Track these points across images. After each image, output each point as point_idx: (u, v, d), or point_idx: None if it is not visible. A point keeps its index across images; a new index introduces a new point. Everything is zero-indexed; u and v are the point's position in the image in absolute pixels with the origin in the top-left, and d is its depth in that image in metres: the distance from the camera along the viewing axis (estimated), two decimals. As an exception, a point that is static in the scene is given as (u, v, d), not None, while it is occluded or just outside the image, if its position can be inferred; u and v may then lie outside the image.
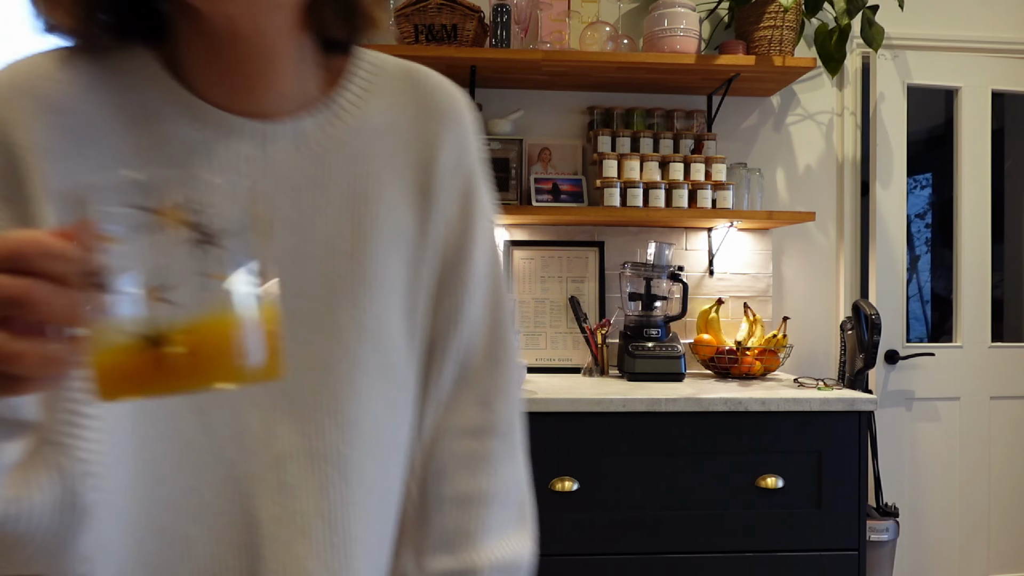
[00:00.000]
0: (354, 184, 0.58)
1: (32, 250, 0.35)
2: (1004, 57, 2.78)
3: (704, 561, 1.95)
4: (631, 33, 2.55)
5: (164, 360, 0.35)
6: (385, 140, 0.60)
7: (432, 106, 0.62)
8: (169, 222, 0.35)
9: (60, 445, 0.46)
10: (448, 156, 0.62)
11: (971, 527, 2.73)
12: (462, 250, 0.63)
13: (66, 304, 0.35)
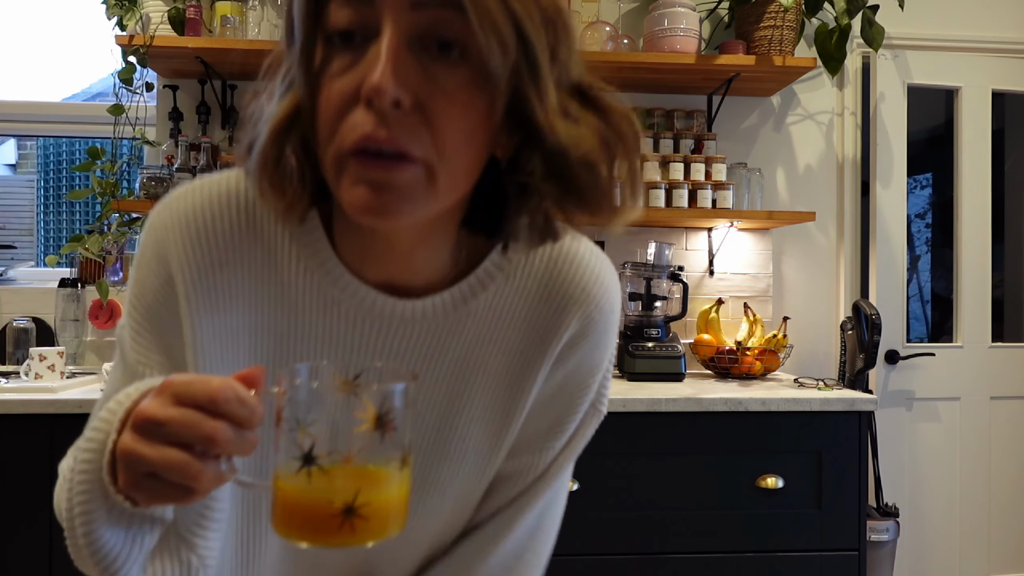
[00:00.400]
0: (460, 364, 0.64)
1: (224, 396, 0.44)
2: (1004, 57, 2.78)
3: (704, 561, 1.95)
4: (631, 33, 2.55)
5: (341, 522, 0.44)
6: (497, 326, 0.64)
7: (557, 296, 0.64)
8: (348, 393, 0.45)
9: (187, 541, 0.56)
10: (557, 346, 0.65)
11: (971, 527, 2.73)
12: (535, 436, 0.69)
13: (242, 444, 0.45)
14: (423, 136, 0.49)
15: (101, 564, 0.52)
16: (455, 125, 0.50)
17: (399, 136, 0.49)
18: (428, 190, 0.51)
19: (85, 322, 2.43)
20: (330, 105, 0.50)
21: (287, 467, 0.44)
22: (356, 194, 0.50)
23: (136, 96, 2.36)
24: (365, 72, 0.48)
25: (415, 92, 0.49)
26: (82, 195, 2.31)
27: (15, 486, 1.83)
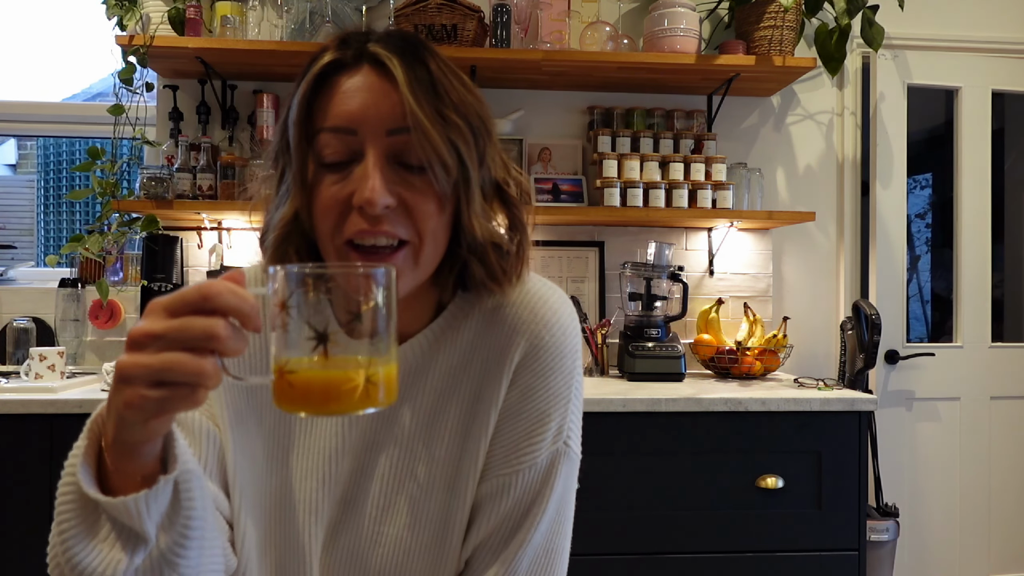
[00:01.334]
0: (439, 391, 0.76)
1: (216, 289, 0.47)
2: (1004, 57, 2.78)
3: (704, 561, 1.95)
4: (631, 33, 2.55)
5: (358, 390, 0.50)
6: (464, 355, 0.76)
7: (508, 322, 0.76)
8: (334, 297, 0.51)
9: (170, 563, 0.57)
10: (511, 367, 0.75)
11: (971, 527, 2.73)
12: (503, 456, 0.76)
13: (239, 339, 0.48)
14: (408, 224, 0.66)
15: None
16: (428, 216, 0.67)
17: (389, 229, 0.65)
18: (414, 267, 0.68)
19: (85, 322, 2.43)
20: (328, 210, 0.66)
21: (299, 351, 0.50)
22: None
23: (136, 96, 2.36)
24: (356, 186, 0.65)
25: (398, 195, 0.66)
26: (82, 195, 2.31)
27: (15, 486, 1.83)
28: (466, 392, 0.76)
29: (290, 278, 0.50)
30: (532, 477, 0.75)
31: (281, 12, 2.33)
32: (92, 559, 0.54)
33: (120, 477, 0.53)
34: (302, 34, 2.31)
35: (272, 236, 0.70)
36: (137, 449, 0.51)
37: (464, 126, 0.67)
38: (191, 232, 2.46)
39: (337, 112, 0.66)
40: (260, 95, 2.35)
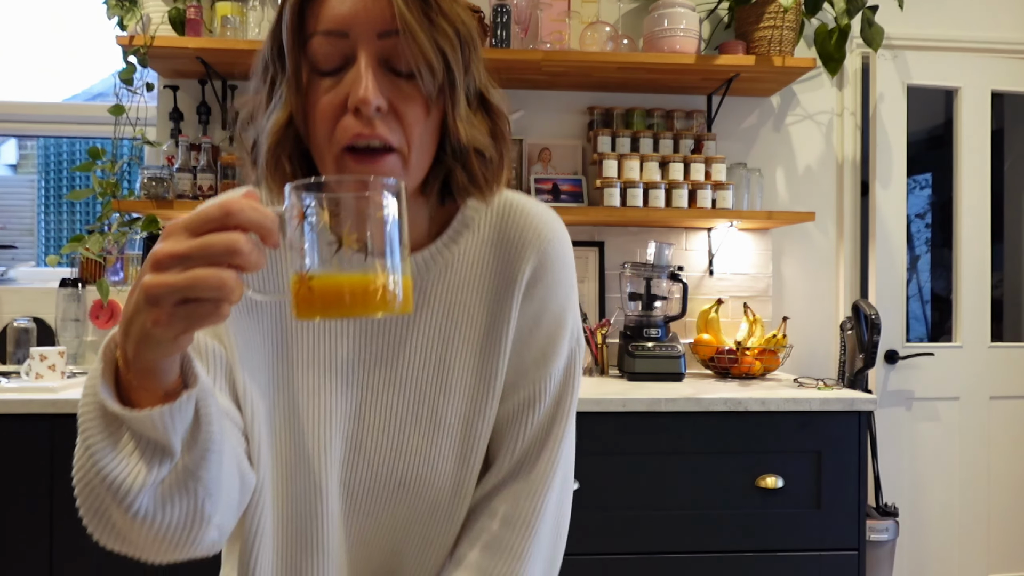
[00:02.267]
0: (448, 308, 0.79)
1: (238, 205, 0.49)
2: (1004, 57, 2.78)
3: (704, 561, 1.95)
4: (631, 33, 2.55)
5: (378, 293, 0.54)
6: (472, 271, 0.80)
7: (514, 240, 0.81)
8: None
9: (195, 475, 0.59)
10: (522, 282, 0.80)
11: (970, 527, 2.73)
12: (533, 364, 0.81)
13: (259, 254, 0.49)
14: (397, 129, 0.68)
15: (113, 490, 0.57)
16: (417, 121, 0.69)
17: (382, 132, 0.67)
18: (404, 172, 0.70)
19: (86, 322, 2.43)
20: (324, 116, 0.68)
21: (319, 258, 0.53)
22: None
23: (136, 96, 2.36)
24: (349, 88, 0.67)
25: (388, 98, 0.68)
26: (83, 195, 2.31)
27: (15, 486, 1.84)
28: (478, 305, 0.80)
29: (308, 191, 0.53)
30: (558, 379, 0.81)
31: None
32: (120, 469, 0.57)
33: (142, 394, 0.55)
34: (302, 34, 2.31)
35: (266, 143, 0.71)
36: (159, 366, 0.53)
37: (451, 31, 0.69)
38: (191, 232, 2.46)
39: (329, 15, 0.67)
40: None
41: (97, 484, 0.58)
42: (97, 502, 0.60)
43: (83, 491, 0.61)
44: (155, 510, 0.59)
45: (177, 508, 0.59)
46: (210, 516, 0.62)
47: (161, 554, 0.63)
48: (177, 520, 0.60)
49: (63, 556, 1.84)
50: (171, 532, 0.60)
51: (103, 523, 0.62)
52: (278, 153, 0.71)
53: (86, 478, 0.59)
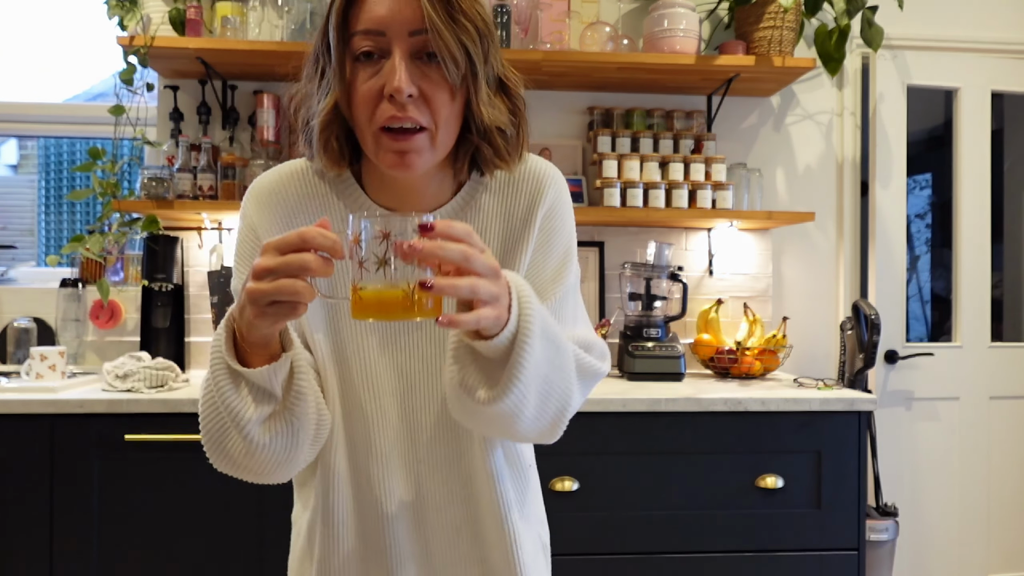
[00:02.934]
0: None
1: (310, 233, 0.67)
2: (1004, 57, 2.78)
3: (704, 561, 1.95)
4: (631, 33, 2.55)
5: (399, 300, 0.67)
6: (493, 218, 0.93)
7: (529, 183, 0.94)
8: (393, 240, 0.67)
9: (290, 411, 0.80)
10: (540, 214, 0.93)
11: (970, 527, 2.73)
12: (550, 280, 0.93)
13: (327, 266, 0.67)
14: (426, 112, 0.81)
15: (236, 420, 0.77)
16: (443, 104, 0.82)
17: (413, 115, 0.80)
18: (432, 147, 0.83)
19: (86, 322, 2.44)
20: (365, 101, 0.81)
21: (368, 274, 0.67)
22: (390, 158, 0.82)
23: (137, 96, 2.36)
24: (386, 78, 0.80)
25: (419, 86, 0.80)
26: (83, 195, 2.31)
27: (15, 486, 1.84)
28: (497, 243, 0.92)
29: (362, 221, 0.67)
30: (568, 292, 0.94)
31: (281, 13, 2.34)
32: (241, 404, 0.77)
33: (254, 356, 0.76)
34: (302, 34, 2.31)
35: (316, 124, 0.85)
36: (266, 339, 0.75)
37: (472, 28, 0.80)
38: (192, 232, 2.46)
39: (368, 17, 0.80)
40: (260, 95, 2.35)
41: (224, 414, 0.78)
42: (221, 430, 0.79)
43: (210, 421, 0.80)
44: (264, 437, 0.79)
45: (280, 437, 0.80)
46: (303, 443, 0.82)
47: (265, 474, 0.83)
48: (280, 446, 0.81)
49: (63, 556, 1.85)
50: (276, 455, 0.81)
51: (221, 450, 0.81)
52: (327, 134, 0.85)
53: (215, 410, 0.79)
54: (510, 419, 0.78)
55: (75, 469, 1.84)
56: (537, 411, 0.80)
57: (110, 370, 1.95)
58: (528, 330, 0.74)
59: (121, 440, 1.84)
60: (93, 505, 1.85)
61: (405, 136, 0.81)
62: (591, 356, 0.90)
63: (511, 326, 0.73)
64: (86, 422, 1.84)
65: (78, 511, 1.85)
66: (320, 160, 0.88)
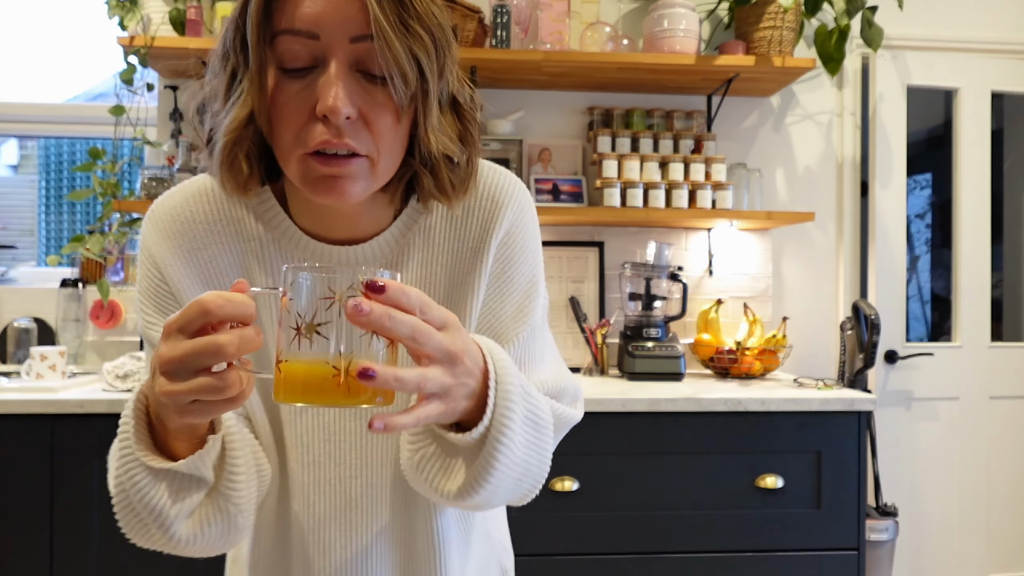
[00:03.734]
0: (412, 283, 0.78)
1: (214, 302, 0.52)
2: (1004, 57, 2.78)
3: (704, 561, 1.95)
4: (631, 33, 2.56)
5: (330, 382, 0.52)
6: (439, 247, 0.79)
7: (481, 202, 0.79)
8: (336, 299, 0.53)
9: (223, 496, 0.68)
10: (494, 242, 0.79)
11: (970, 527, 2.73)
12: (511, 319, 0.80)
13: (246, 340, 0.53)
14: (367, 138, 0.66)
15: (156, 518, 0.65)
16: (387, 129, 0.67)
17: (350, 140, 0.65)
18: (371, 176, 0.68)
19: (86, 322, 2.44)
20: (290, 119, 0.66)
21: (291, 344, 0.53)
22: (319, 185, 0.67)
23: (137, 96, 2.36)
24: (319, 94, 0.64)
25: (359, 107, 0.65)
26: (83, 195, 2.31)
27: (15, 486, 1.84)
28: (444, 275, 0.79)
29: (293, 275, 0.53)
30: (533, 329, 0.81)
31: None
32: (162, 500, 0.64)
33: (177, 444, 0.63)
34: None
35: (223, 138, 0.68)
36: (193, 429, 0.62)
37: (427, 37, 0.66)
38: (192, 232, 2.46)
39: (299, 14, 0.64)
40: (261, 95, 2.35)
41: (141, 511, 0.65)
42: (140, 524, 0.67)
43: (125, 514, 0.67)
44: (193, 530, 0.67)
45: (214, 525, 0.68)
46: (242, 527, 0.71)
47: (196, 554, 0.71)
48: (216, 533, 0.69)
49: (63, 556, 1.85)
50: (211, 543, 0.70)
51: (137, 528, 0.68)
52: (235, 151, 0.69)
53: (130, 506, 0.66)
54: (475, 507, 0.69)
55: (75, 469, 1.84)
56: (508, 495, 0.70)
57: (110, 370, 1.95)
58: (506, 425, 0.62)
59: (121, 440, 1.83)
60: (93, 505, 1.85)
61: (339, 161, 0.66)
62: (563, 404, 0.80)
63: (485, 419, 0.61)
64: (86, 422, 1.84)
65: (78, 511, 1.85)
66: (222, 182, 0.71)
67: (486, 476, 0.63)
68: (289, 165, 0.68)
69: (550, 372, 0.81)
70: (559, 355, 0.87)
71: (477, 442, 0.63)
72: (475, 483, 0.64)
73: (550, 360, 0.83)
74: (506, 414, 0.62)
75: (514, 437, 0.63)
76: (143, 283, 0.77)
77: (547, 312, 0.86)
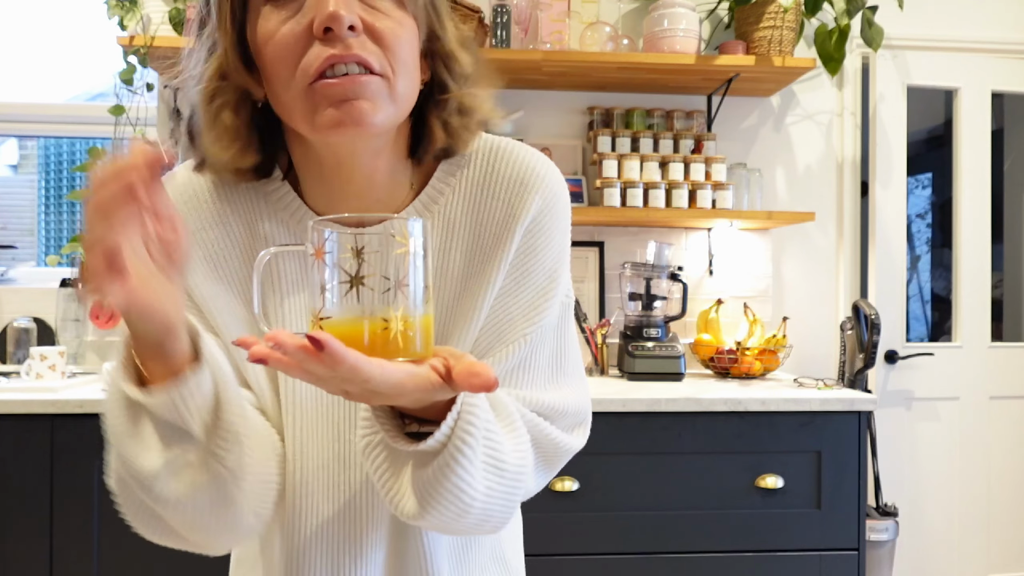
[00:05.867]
0: (435, 265, 0.70)
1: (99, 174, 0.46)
2: (1004, 57, 2.78)
3: (704, 561, 1.95)
4: (631, 33, 2.56)
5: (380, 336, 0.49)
6: (456, 232, 0.70)
7: (508, 184, 0.71)
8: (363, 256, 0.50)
9: (217, 458, 0.58)
10: (521, 225, 0.70)
11: (970, 527, 2.73)
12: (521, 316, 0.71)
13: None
14: (377, 52, 0.59)
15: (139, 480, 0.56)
16: (399, 41, 0.60)
17: (360, 52, 0.58)
18: (389, 97, 0.60)
19: (86, 322, 2.44)
20: (284, 49, 0.58)
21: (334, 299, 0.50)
22: (331, 115, 0.58)
23: (137, 96, 2.36)
24: (314, 11, 0.56)
25: (363, 17, 0.58)
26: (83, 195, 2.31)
27: (15, 486, 1.84)
28: (460, 263, 0.71)
29: (325, 229, 0.50)
30: (545, 332, 0.72)
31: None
32: (141, 453, 0.55)
33: (156, 380, 0.55)
34: (302, 34, 2.31)
35: (201, 100, 0.62)
36: (161, 345, 0.53)
37: None
38: (192, 232, 2.46)
39: None
40: (260, 95, 2.35)
41: (124, 473, 0.57)
42: (130, 493, 0.59)
43: (118, 485, 0.59)
44: (183, 495, 0.57)
45: (205, 493, 0.58)
46: (237, 500, 0.60)
47: (201, 544, 0.63)
48: (206, 504, 0.59)
49: (63, 556, 1.85)
50: (202, 517, 0.59)
51: (140, 515, 0.60)
52: (213, 104, 0.61)
53: (117, 472, 0.58)
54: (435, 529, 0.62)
55: (75, 469, 1.84)
56: (472, 528, 0.62)
57: (110, 370, 1.95)
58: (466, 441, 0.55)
59: (121, 440, 1.83)
60: (93, 505, 1.85)
61: (352, 79, 0.58)
62: (555, 426, 0.70)
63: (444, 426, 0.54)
64: (86, 422, 1.84)
65: (78, 511, 1.85)
66: (211, 162, 0.65)
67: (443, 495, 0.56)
68: (293, 109, 0.60)
69: (554, 394, 0.71)
70: (580, 366, 0.76)
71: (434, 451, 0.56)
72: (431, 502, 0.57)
73: (563, 372, 0.73)
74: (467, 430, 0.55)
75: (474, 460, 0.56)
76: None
77: (570, 313, 0.75)
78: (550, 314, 0.72)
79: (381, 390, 0.48)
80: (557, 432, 0.70)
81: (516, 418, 0.65)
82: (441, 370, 0.50)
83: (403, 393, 0.49)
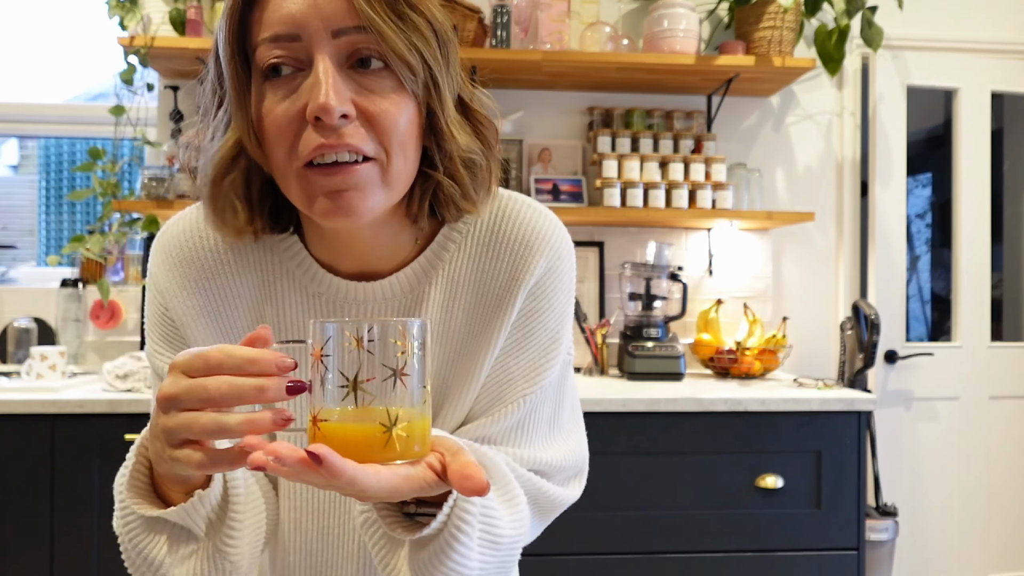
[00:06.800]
0: (437, 321, 0.72)
1: (214, 356, 0.50)
2: (1003, 57, 2.78)
3: (704, 561, 1.95)
4: (631, 33, 2.56)
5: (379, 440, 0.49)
6: (459, 290, 0.71)
7: (514, 243, 0.71)
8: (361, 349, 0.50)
9: (221, 551, 0.63)
10: (525, 286, 0.71)
11: (970, 526, 2.73)
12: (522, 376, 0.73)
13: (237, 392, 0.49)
14: (370, 137, 0.59)
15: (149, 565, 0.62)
16: (395, 124, 0.60)
17: (352, 140, 0.58)
18: (382, 183, 0.61)
19: (86, 322, 2.44)
20: (281, 130, 0.59)
21: (332, 400, 0.50)
22: (323, 204, 0.60)
23: (137, 96, 2.36)
24: (308, 97, 0.58)
25: (355, 102, 0.59)
26: (83, 195, 2.31)
27: (15, 486, 1.84)
28: (463, 322, 0.71)
29: (325, 329, 0.50)
30: (545, 392, 0.73)
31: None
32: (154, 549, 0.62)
33: (172, 492, 0.60)
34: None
35: (211, 171, 0.63)
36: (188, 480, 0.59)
37: (424, 24, 0.60)
38: (192, 232, 2.46)
39: (275, 19, 0.58)
40: (261, 95, 2.35)
41: (135, 557, 0.63)
42: (139, 569, 0.64)
43: (127, 556, 0.64)
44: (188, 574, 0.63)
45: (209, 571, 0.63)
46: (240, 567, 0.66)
47: None
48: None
49: (63, 556, 1.85)
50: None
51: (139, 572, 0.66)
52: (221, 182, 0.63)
53: (128, 552, 0.63)
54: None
55: (75, 469, 1.84)
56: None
57: (110, 370, 1.95)
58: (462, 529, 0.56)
59: (121, 440, 1.84)
60: (93, 505, 1.85)
61: (341, 169, 0.58)
62: (552, 482, 0.72)
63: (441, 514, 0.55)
64: (86, 422, 1.84)
65: (78, 511, 1.85)
66: (215, 227, 0.66)
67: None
68: (290, 186, 0.61)
69: (552, 452, 0.73)
70: (579, 417, 0.78)
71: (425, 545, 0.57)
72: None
73: (560, 428, 0.75)
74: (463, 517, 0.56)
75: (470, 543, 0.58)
76: (149, 309, 0.74)
77: (570, 368, 0.77)
78: (551, 374, 0.73)
79: (378, 496, 0.49)
80: (554, 488, 0.72)
81: (514, 486, 0.65)
82: (437, 467, 0.51)
83: (399, 496, 0.51)
